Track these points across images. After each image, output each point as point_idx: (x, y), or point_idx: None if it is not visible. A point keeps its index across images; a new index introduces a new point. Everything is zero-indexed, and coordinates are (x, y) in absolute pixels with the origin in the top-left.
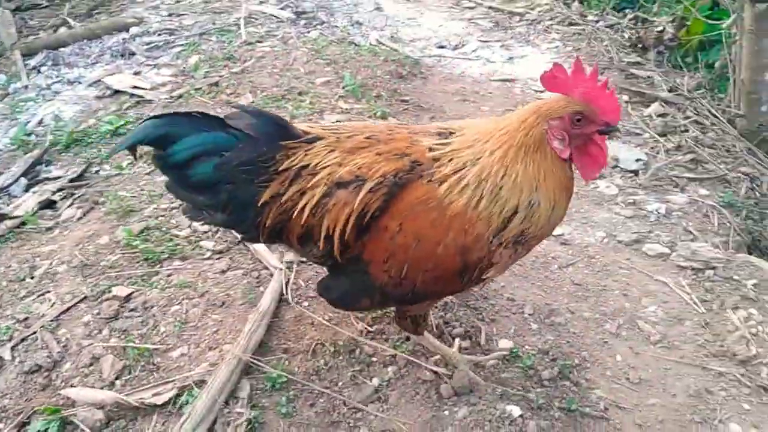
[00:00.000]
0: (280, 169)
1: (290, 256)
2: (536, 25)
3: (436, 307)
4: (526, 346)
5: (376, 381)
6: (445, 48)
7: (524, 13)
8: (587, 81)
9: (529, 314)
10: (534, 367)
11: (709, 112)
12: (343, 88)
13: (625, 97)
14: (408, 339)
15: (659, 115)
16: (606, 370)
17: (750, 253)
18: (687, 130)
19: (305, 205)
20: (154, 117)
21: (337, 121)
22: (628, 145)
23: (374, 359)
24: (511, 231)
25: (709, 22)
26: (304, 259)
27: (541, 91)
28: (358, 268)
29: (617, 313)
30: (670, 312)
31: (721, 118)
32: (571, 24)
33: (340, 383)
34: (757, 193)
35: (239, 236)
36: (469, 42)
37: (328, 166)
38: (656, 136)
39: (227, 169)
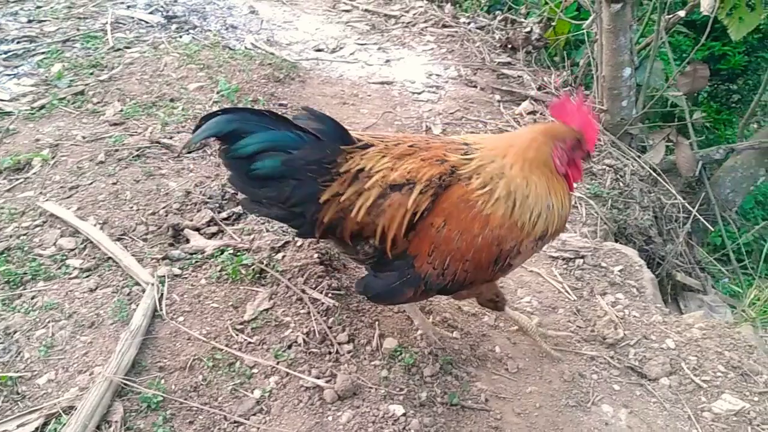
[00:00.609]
0: (341, 171)
1: (163, 270)
2: (411, 28)
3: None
4: (409, 345)
5: (257, 393)
6: (322, 51)
7: (399, 16)
8: (584, 113)
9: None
10: (416, 365)
11: None
12: (218, 93)
13: (497, 97)
14: (290, 347)
15: (529, 113)
16: (486, 362)
17: (616, 241)
18: None
19: (362, 205)
20: (226, 111)
21: None
22: None
23: (255, 371)
24: (537, 230)
25: (574, 22)
26: (346, 256)
27: (419, 93)
28: (404, 262)
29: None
30: (544, 301)
31: None
32: (444, 26)
33: (219, 398)
34: (620, 183)
35: (293, 231)
36: (347, 45)
37: (382, 170)
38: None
39: (295, 165)
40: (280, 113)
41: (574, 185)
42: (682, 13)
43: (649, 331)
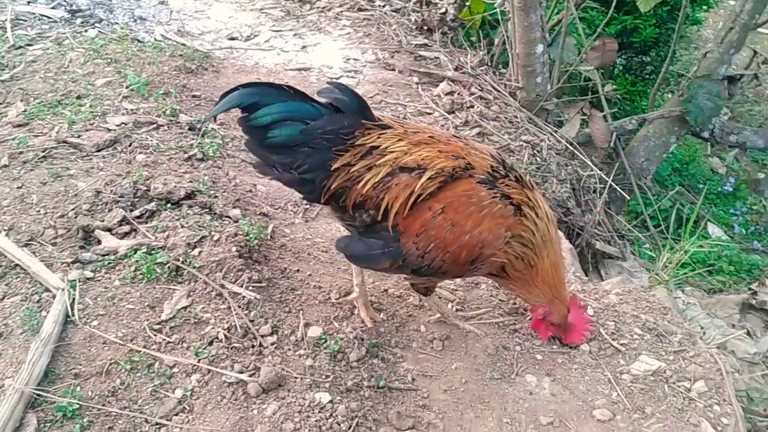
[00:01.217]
0: (356, 143)
1: (74, 274)
2: (327, 13)
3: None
4: (334, 332)
5: (179, 392)
6: (236, 39)
7: (314, 1)
8: (584, 319)
9: (336, 299)
10: (342, 351)
11: (492, 87)
12: (127, 87)
13: (415, 79)
14: (211, 344)
15: (447, 94)
16: (412, 342)
17: None
18: (473, 106)
19: (370, 179)
20: (247, 85)
21: (122, 124)
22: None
23: (176, 370)
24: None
25: (488, 1)
26: (341, 222)
27: (337, 78)
28: (391, 235)
29: None
30: (467, 278)
31: (503, 92)
32: (360, 10)
33: (139, 401)
34: (538, 158)
35: (301, 196)
36: (262, 32)
37: (396, 151)
38: (445, 113)
39: (312, 134)
40: (297, 89)
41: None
42: None
43: None
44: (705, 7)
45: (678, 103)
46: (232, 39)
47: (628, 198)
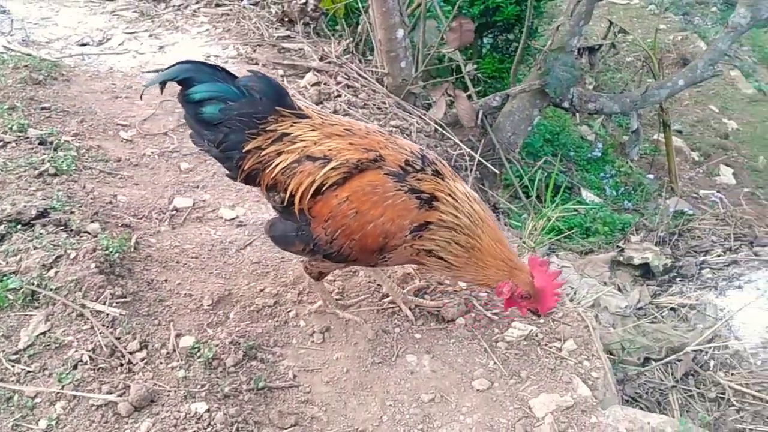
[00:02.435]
0: (268, 128)
1: None
2: (183, 11)
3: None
4: (208, 339)
5: (43, 423)
6: (88, 45)
7: (169, 0)
8: (552, 282)
9: (209, 305)
10: (218, 357)
11: (359, 74)
12: None
13: (281, 71)
14: (75, 368)
15: (313, 84)
16: (292, 338)
17: None
18: (340, 95)
19: (278, 163)
20: (185, 62)
21: None
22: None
23: (38, 400)
24: (425, 246)
25: None
26: (269, 202)
27: None
28: (303, 219)
29: (297, 280)
30: (347, 268)
31: (370, 79)
32: (217, 5)
33: None
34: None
35: (226, 172)
36: (115, 35)
37: (307, 140)
38: (313, 105)
39: (228, 114)
40: (228, 71)
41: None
42: None
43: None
44: None
45: (537, 76)
46: (83, 45)
47: (498, 173)
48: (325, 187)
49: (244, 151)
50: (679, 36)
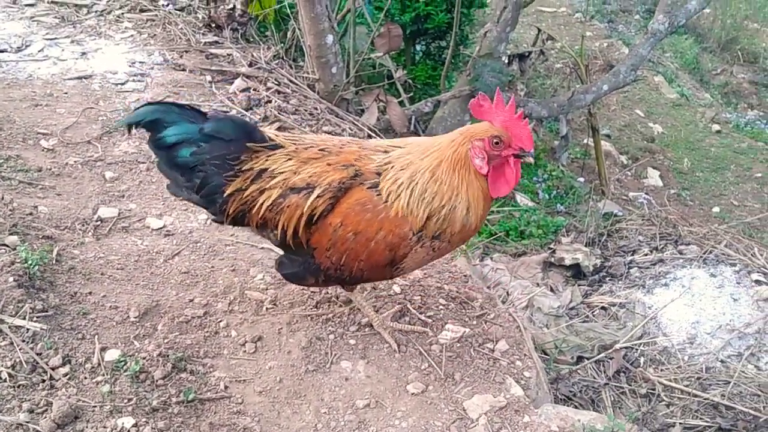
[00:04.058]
0: (244, 168)
1: None
2: (107, 16)
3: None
4: (135, 352)
5: None
6: (5, 52)
7: (92, 5)
8: (506, 112)
9: (135, 317)
10: (145, 370)
11: (290, 80)
12: None
13: (208, 78)
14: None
15: (242, 90)
16: (223, 349)
17: None
18: (270, 101)
19: (263, 202)
20: (152, 103)
21: None
22: None
23: None
24: (430, 230)
25: None
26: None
27: (122, 83)
28: (306, 252)
29: (228, 290)
30: (276, 276)
31: (302, 85)
32: (142, 11)
33: None
34: None
35: (212, 217)
36: (35, 42)
37: (285, 172)
38: (243, 111)
39: (202, 159)
40: (197, 109)
41: (506, 191)
42: None
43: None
44: None
45: (467, 82)
46: (1, 52)
47: None
48: (315, 217)
49: (225, 195)
50: (605, 43)
